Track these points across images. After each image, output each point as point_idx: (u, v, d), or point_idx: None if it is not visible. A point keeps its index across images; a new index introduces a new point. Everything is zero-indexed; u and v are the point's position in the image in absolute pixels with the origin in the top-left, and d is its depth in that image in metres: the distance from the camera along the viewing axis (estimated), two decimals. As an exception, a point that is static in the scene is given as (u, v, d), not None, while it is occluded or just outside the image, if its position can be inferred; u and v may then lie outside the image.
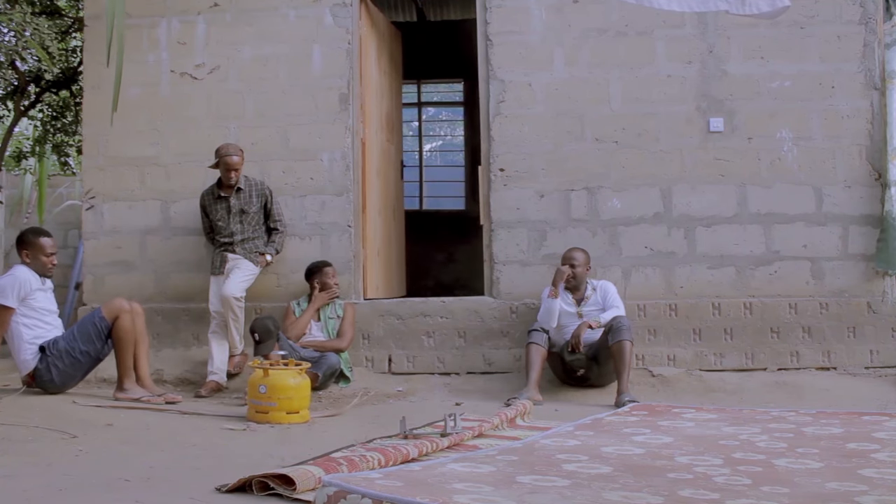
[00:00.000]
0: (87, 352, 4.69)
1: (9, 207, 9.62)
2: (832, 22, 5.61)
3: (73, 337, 4.68)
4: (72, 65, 7.70)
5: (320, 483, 2.49)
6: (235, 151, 5.45)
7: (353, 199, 5.84)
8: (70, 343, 4.65)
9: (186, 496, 2.61)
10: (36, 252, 4.72)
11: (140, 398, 4.69)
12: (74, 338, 4.67)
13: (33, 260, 4.71)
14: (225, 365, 5.39)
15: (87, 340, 4.68)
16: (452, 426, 3.58)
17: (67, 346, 4.64)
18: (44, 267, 4.74)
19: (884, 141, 5.54)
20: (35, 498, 2.57)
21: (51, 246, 4.76)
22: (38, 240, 4.73)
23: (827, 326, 5.51)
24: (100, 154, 6.00)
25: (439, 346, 5.69)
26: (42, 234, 4.78)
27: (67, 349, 4.63)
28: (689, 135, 5.66)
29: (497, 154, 5.75)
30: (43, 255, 4.72)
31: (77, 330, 4.73)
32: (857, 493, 2.56)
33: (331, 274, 5.49)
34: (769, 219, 5.60)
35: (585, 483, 2.67)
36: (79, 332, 4.70)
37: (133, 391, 4.75)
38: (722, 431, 3.74)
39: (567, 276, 5.21)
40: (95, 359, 4.80)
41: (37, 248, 4.72)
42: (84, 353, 4.69)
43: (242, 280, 5.41)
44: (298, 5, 5.92)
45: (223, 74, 5.95)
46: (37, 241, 4.72)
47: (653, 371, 5.42)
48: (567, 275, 5.21)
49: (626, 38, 5.71)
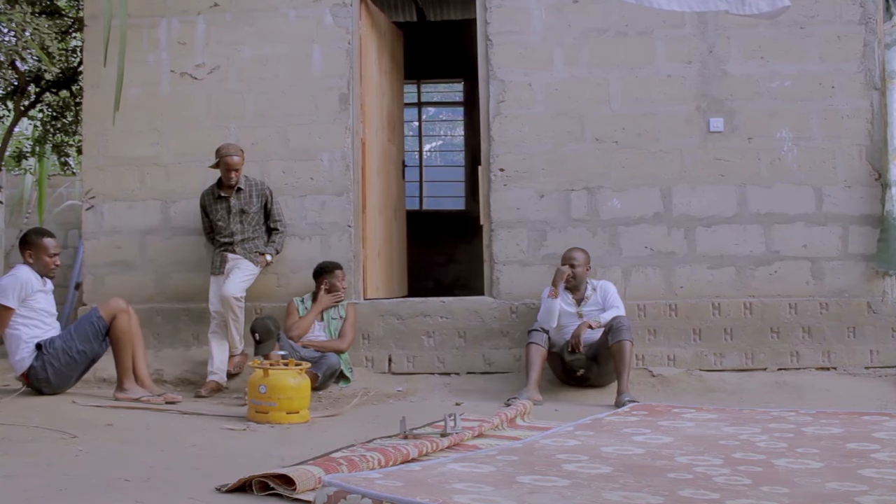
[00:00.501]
0: (83, 351, 4.69)
1: (9, 207, 9.62)
2: (832, 22, 5.61)
3: (70, 336, 4.67)
4: (72, 65, 7.70)
5: (320, 483, 2.49)
6: (236, 151, 5.45)
7: (353, 199, 5.84)
8: (67, 342, 4.65)
9: (186, 496, 2.61)
10: (39, 252, 4.72)
11: (140, 398, 4.69)
12: (71, 337, 4.67)
13: (36, 260, 4.71)
14: (225, 365, 5.39)
15: (83, 340, 4.67)
16: (452, 426, 3.58)
17: (64, 345, 4.63)
18: (46, 267, 4.75)
19: (884, 141, 5.54)
20: (35, 498, 2.56)
21: (54, 246, 4.76)
22: (42, 240, 4.73)
23: (827, 326, 5.51)
24: (100, 154, 6.00)
25: (439, 346, 5.69)
26: (45, 235, 4.79)
27: (64, 348, 4.62)
28: (689, 135, 5.66)
29: (497, 154, 5.76)
30: (46, 256, 4.72)
31: (74, 329, 4.72)
32: (857, 493, 2.56)
33: (340, 277, 5.46)
34: (769, 219, 5.60)
35: (585, 483, 2.67)
36: (76, 332, 4.70)
37: (133, 391, 4.76)
38: (722, 431, 3.74)
39: (567, 275, 5.21)
40: (92, 359, 4.79)
41: (40, 249, 4.72)
42: (81, 353, 4.68)
43: (242, 280, 5.41)
44: (298, 5, 5.92)
45: (223, 74, 5.95)
46: (40, 241, 4.73)
47: (653, 371, 5.43)
48: (567, 275, 5.21)
49: (626, 38, 5.71)
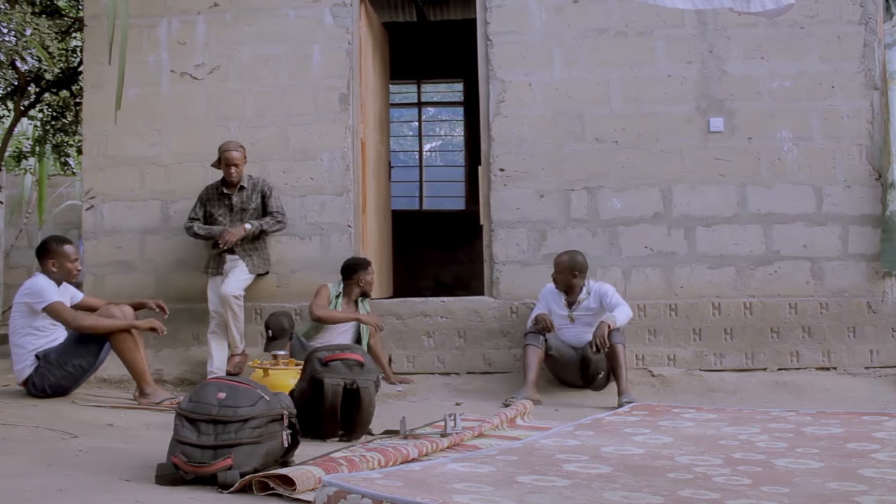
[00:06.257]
0: (79, 365, 4.64)
1: (9, 207, 9.63)
2: (832, 22, 5.61)
3: (66, 350, 4.62)
4: (72, 65, 7.70)
5: (320, 483, 2.49)
6: (235, 147, 5.46)
7: (353, 199, 5.84)
8: (62, 356, 4.60)
9: (187, 496, 2.61)
10: (62, 260, 4.71)
11: (161, 402, 4.64)
12: (66, 350, 4.62)
13: (59, 268, 4.70)
14: (224, 365, 5.39)
15: (79, 354, 4.62)
16: (452, 426, 3.58)
17: (59, 359, 4.59)
18: (69, 274, 4.76)
19: (884, 141, 5.54)
20: (35, 498, 2.56)
21: (74, 252, 4.77)
22: (63, 248, 4.73)
23: (827, 326, 5.51)
24: (100, 154, 6.01)
25: (439, 346, 5.69)
26: (65, 242, 4.78)
27: (59, 362, 4.59)
28: (689, 135, 5.66)
29: (497, 154, 5.76)
30: (69, 263, 4.73)
31: (70, 342, 4.66)
32: (857, 493, 2.56)
33: (371, 273, 5.41)
34: (769, 219, 5.60)
35: (585, 483, 2.67)
36: (71, 345, 4.64)
37: (156, 395, 4.72)
38: (722, 431, 3.74)
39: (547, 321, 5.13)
40: (88, 370, 4.74)
41: (63, 257, 4.72)
42: (77, 367, 4.64)
43: (241, 279, 5.42)
44: (298, 5, 5.92)
45: (223, 74, 5.95)
46: (61, 249, 4.72)
47: (653, 371, 5.43)
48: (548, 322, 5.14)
49: (626, 38, 5.71)
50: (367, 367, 3.81)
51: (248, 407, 2.87)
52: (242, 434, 2.81)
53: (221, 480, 2.69)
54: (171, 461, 2.81)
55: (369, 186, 6.05)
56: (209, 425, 2.82)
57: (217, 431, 2.81)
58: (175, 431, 2.87)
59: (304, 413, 3.43)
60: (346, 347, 3.97)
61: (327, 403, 3.63)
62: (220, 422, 2.82)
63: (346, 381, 3.68)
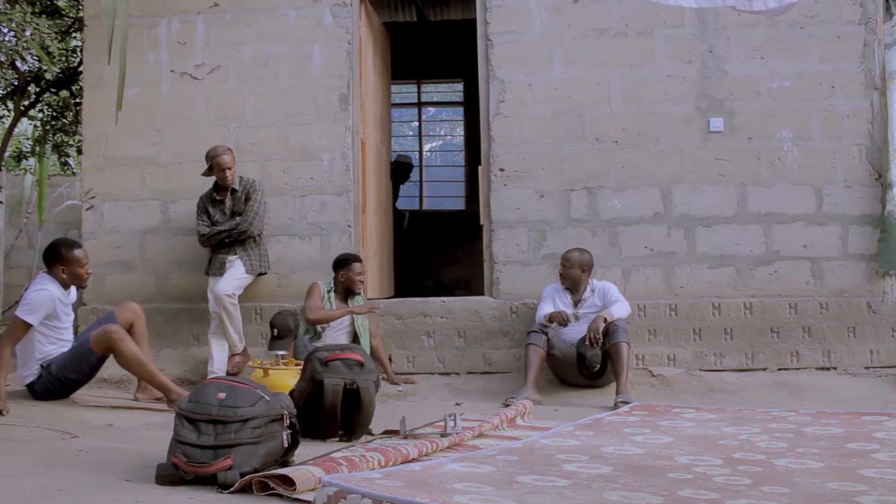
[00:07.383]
0: (76, 380, 4.65)
1: (9, 207, 9.62)
2: (832, 22, 5.61)
3: (65, 365, 4.61)
4: (72, 65, 7.69)
5: (320, 483, 2.49)
6: (224, 151, 5.46)
7: (353, 199, 5.84)
8: (60, 370, 4.60)
9: (187, 496, 2.61)
10: (73, 266, 4.68)
11: None
12: (65, 366, 4.60)
13: (70, 274, 4.67)
14: (225, 365, 5.39)
15: (76, 371, 4.61)
16: (452, 426, 3.58)
17: (58, 373, 4.59)
18: (80, 279, 4.74)
19: (884, 141, 5.53)
20: (35, 498, 2.57)
21: (84, 256, 4.74)
22: (73, 253, 4.68)
23: (827, 326, 5.51)
24: (100, 154, 6.01)
25: (439, 346, 5.69)
26: (75, 247, 4.75)
27: (58, 376, 4.59)
28: (689, 135, 5.66)
29: (497, 154, 5.76)
30: (79, 267, 4.70)
31: (69, 357, 4.64)
32: (857, 493, 2.56)
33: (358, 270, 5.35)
34: (769, 219, 5.60)
35: (585, 483, 2.67)
36: (70, 361, 4.62)
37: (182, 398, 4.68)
38: (722, 431, 3.74)
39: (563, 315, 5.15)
40: (83, 382, 4.74)
41: (74, 262, 4.68)
42: (73, 382, 4.65)
43: (236, 279, 5.41)
44: (298, 5, 5.92)
45: (223, 74, 5.95)
46: (72, 254, 4.68)
47: (653, 371, 5.43)
48: (564, 316, 5.15)
49: (626, 38, 5.71)
50: (367, 367, 3.81)
51: (248, 407, 2.87)
52: (242, 434, 2.81)
53: (221, 480, 2.69)
54: (171, 461, 2.81)
55: (369, 186, 6.05)
56: (209, 425, 2.83)
57: (217, 431, 2.81)
58: (175, 431, 2.87)
59: (304, 413, 3.44)
60: (347, 347, 3.98)
61: (327, 403, 3.63)
62: (220, 422, 2.83)
63: (346, 381, 3.68)
